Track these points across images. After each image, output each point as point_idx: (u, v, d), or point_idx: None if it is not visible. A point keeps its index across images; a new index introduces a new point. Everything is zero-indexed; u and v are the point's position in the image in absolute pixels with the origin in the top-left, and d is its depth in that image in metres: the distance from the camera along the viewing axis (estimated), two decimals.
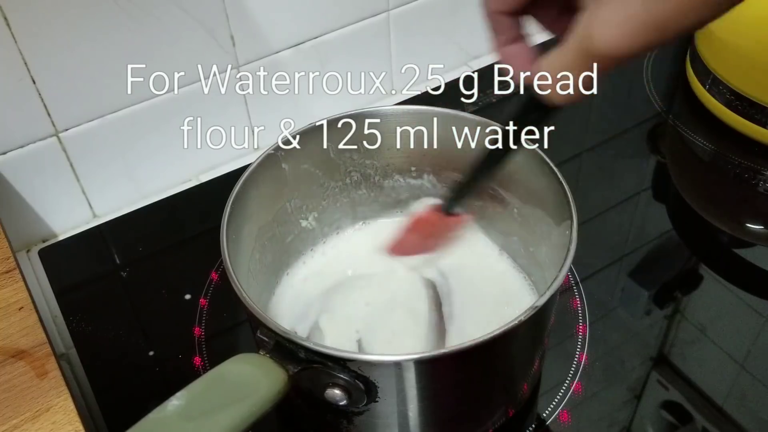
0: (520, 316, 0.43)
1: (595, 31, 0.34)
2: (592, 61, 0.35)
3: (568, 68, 0.36)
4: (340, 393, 0.44)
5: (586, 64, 0.35)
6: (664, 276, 0.67)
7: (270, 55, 0.76)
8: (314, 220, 0.62)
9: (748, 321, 0.62)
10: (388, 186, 0.63)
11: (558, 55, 0.37)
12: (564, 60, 0.36)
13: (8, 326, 0.53)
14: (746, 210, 0.74)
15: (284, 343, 0.43)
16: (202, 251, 0.70)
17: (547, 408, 0.56)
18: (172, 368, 0.61)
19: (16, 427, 0.47)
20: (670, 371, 0.59)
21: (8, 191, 0.69)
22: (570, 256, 0.46)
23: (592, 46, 0.34)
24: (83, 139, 0.70)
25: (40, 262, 0.71)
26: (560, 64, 0.37)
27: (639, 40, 0.33)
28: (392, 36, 0.83)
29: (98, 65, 0.67)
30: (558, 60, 0.37)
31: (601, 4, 0.33)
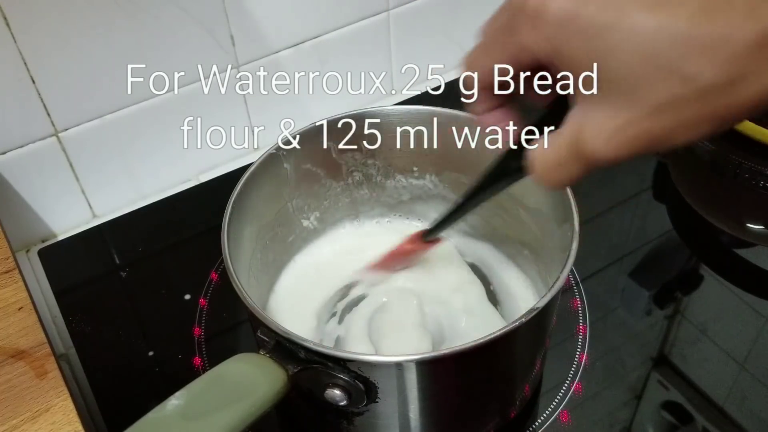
0: (521, 318, 0.43)
1: (587, 134, 0.33)
2: (583, 161, 0.34)
3: (559, 162, 0.35)
4: (340, 393, 0.44)
5: (578, 162, 0.34)
6: (665, 276, 0.67)
7: (270, 55, 0.76)
8: (316, 220, 0.62)
9: (748, 321, 0.62)
10: (390, 186, 0.63)
11: (550, 147, 0.36)
12: (556, 154, 0.35)
13: (8, 326, 0.53)
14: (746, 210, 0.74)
15: (284, 342, 0.43)
16: (202, 251, 0.70)
17: (547, 408, 0.56)
18: (172, 368, 0.61)
19: (15, 427, 0.47)
20: (670, 371, 0.59)
21: (8, 191, 0.69)
22: (571, 257, 0.46)
23: (583, 148, 0.33)
24: (83, 139, 0.70)
25: (39, 262, 0.71)
26: (552, 157, 0.36)
27: (631, 151, 0.32)
28: (392, 36, 0.82)
29: (98, 65, 0.67)
30: (550, 152, 0.36)
31: (595, 107, 0.32)
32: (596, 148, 0.33)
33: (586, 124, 0.33)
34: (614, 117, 0.31)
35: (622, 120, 0.31)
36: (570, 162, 0.35)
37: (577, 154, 0.34)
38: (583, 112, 0.33)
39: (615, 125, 0.32)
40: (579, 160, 0.34)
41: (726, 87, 0.28)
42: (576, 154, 0.34)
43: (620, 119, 0.31)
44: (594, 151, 0.33)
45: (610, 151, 0.32)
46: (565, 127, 0.35)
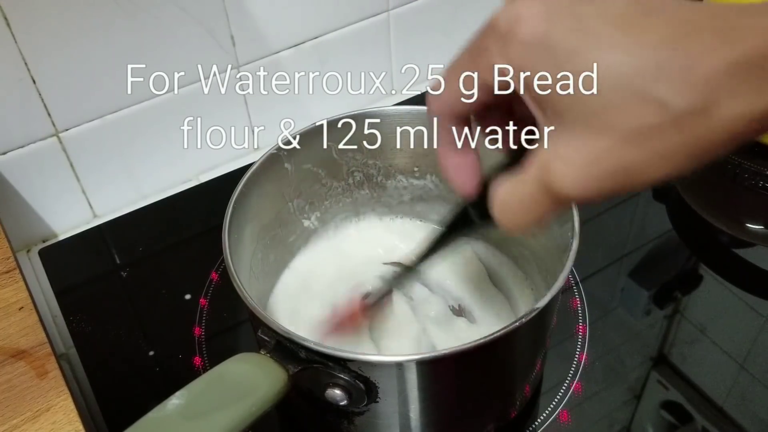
0: (521, 318, 0.43)
1: (556, 169, 0.30)
2: (551, 199, 0.32)
3: (524, 202, 0.33)
4: (341, 393, 0.44)
5: (545, 201, 0.32)
6: (664, 276, 0.67)
7: (270, 55, 0.76)
8: (317, 219, 0.62)
9: (748, 321, 0.62)
10: (391, 186, 0.63)
11: (515, 186, 0.34)
12: (521, 193, 0.33)
13: (8, 326, 0.53)
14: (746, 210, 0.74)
15: (285, 342, 0.43)
16: (202, 251, 0.70)
17: (547, 408, 0.56)
18: (172, 368, 0.61)
19: (16, 427, 0.47)
20: (670, 371, 0.59)
21: (8, 191, 0.69)
22: (571, 257, 0.46)
23: (552, 185, 0.31)
24: (83, 139, 0.70)
25: (40, 262, 0.71)
26: (517, 196, 0.33)
27: (603, 186, 0.30)
28: (392, 36, 0.83)
29: (98, 65, 0.67)
30: (514, 192, 0.34)
31: (564, 139, 0.30)
32: (565, 183, 0.30)
33: (553, 158, 0.31)
34: (584, 148, 0.29)
35: (593, 151, 0.29)
36: (536, 201, 0.32)
37: (543, 192, 0.32)
38: (552, 147, 0.31)
39: (585, 158, 0.29)
40: (545, 198, 0.32)
41: (699, 114, 0.27)
42: (542, 192, 0.32)
43: (590, 151, 0.29)
44: (562, 187, 0.30)
45: (581, 187, 0.30)
46: (530, 165, 0.32)
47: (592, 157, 0.29)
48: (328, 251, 0.63)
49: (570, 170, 0.30)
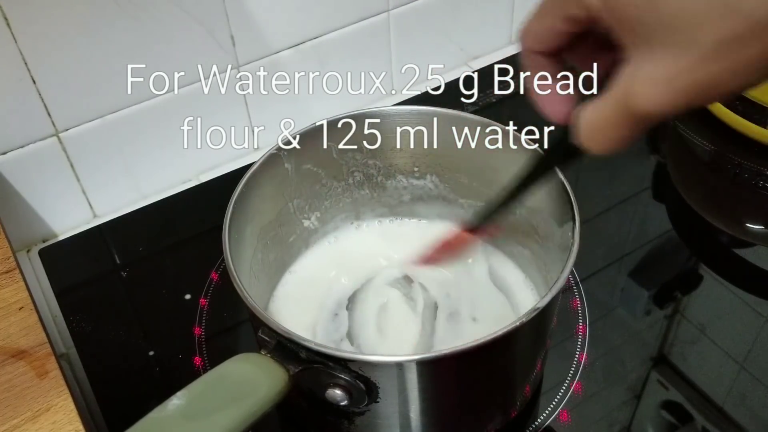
0: (521, 318, 0.43)
1: (638, 88, 0.32)
2: (632, 118, 0.33)
3: (607, 122, 0.34)
4: (341, 393, 0.44)
5: (626, 120, 0.33)
6: (664, 276, 0.67)
7: (270, 55, 0.76)
8: (317, 220, 0.62)
9: (748, 321, 0.62)
10: (391, 186, 0.63)
11: (598, 107, 0.35)
12: (603, 114, 0.34)
13: (8, 326, 0.53)
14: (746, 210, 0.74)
15: (285, 343, 0.43)
16: (202, 251, 0.70)
17: (547, 408, 0.56)
18: (172, 368, 0.61)
19: (16, 426, 0.47)
20: (670, 371, 0.59)
21: (8, 191, 0.69)
22: (572, 257, 0.46)
23: (633, 103, 0.32)
24: (83, 139, 0.70)
25: (40, 262, 0.71)
26: (600, 117, 0.35)
27: (683, 101, 0.31)
28: (392, 36, 0.83)
29: (98, 65, 0.67)
30: (597, 113, 0.35)
31: (646, 59, 0.31)
32: (647, 100, 0.31)
33: (637, 77, 0.32)
34: (668, 65, 0.30)
35: (678, 67, 0.30)
36: (619, 121, 0.33)
37: (625, 111, 0.33)
38: (634, 67, 0.32)
39: (669, 73, 0.30)
40: (628, 117, 0.33)
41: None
42: (624, 110, 0.33)
43: (675, 66, 0.30)
44: (645, 103, 0.32)
45: (662, 102, 0.31)
46: (613, 86, 0.33)
47: (675, 73, 0.30)
48: (328, 251, 0.63)
49: (651, 87, 0.31)
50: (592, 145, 0.36)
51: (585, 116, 0.36)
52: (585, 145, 0.37)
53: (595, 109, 0.35)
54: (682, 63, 0.30)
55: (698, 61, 0.29)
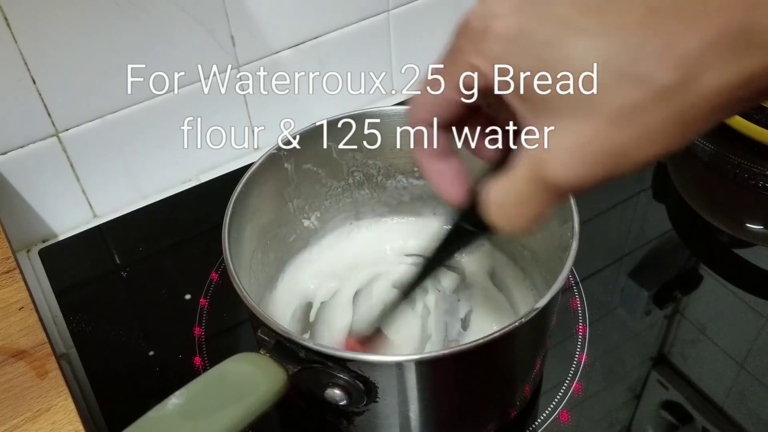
0: (521, 318, 0.43)
1: (548, 158, 0.30)
2: (546, 192, 0.31)
3: (520, 199, 0.32)
4: (340, 393, 0.44)
5: (540, 195, 0.31)
6: (664, 276, 0.67)
7: (270, 55, 0.76)
8: (317, 219, 0.62)
9: (748, 321, 0.62)
10: (391, 186, 0.63)
11: (507, 184, 0.33)
12: (515, 190, 0.32)
13: (8, 326, 0.53)
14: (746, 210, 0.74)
15: (284, 342, 0.43)
16: (202, 251, 0.70)
17: (547, 408, 0.56)
18: (173, 368, 0.61)
19: (16, 427, 0.47)
20: (670, 371, 0.59)
21: (8, 191, 0.69)
22: (571, 257, 0.46)
23: (545, 176, 0.30)
24: (83, 139, 0.70)
25: (40, 262, 0.71)
26: (511, 194, 0.33)
27: (598, 170, 0.29)
28: (392, 36, 0.83)
29: (98, 65, 0.67)
30: (507, 190, 0.33)
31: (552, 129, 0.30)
32: (558, 172, 0.30)
33: (542, 150, 0.30)
34: (572, 135, 0.29)
35: (582, 136, 0.29)
36: (533, 194, 0.32)
37: (538, 186, 0.31)
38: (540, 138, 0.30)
39: (574, 144, 0.29)
40: (542, 190, 0.31)
41: (683, 86, 0.27)
42: (537, 185, 0.31)
43: (579, 136, 0.29)
44: (556, 176, 0.30)
45: (574, 174, 0.30)
46: (519, 161, 0.31)
47: (582, 142, 0.29)
48: (328, 251, 0.63)
49: (561, 159, 0.30)
50: (505, 224, 0.34)
51: (494, 194, 0.34)
52: (497, 225, 0.34)
53: (504, 187, 0.33)
54: (589, 131, 0.29)
55: (603, 129, 0.28)
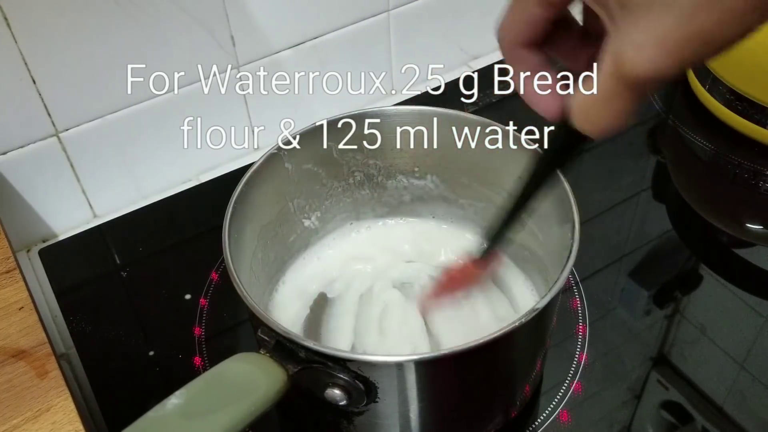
0: (521, 318, 0.43)
1: (629, 54, 0.30)
2: (629, 88, 0.31)
3: (604, 98, 0.33)
4: (340, 393, 0.44)
5: (623, 91, 0.32)
6: (664, 276, 0.67)
7: (270, 55, 0.76)
8: (317, 219, 0.62)
9: (748, 321, 0.62)
10: (392, 186, 0.63)
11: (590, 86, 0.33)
12: (599, 89, 0.33)
13: (8, 326, 0.53)
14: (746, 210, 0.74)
15: (285, 342, 0.43)
16: (202, 251, 0.70)
17: (547, 408, 0.56)
18: (173, 368, 0.61)
19: (16, 427, 0.47)
20: (670, 371, 0.59)
21: (8, 191, 0.69)
22: (572, 257, 0.46)
23: (627, 71, 0.31)
24: (83, 139, 0.70)
25: (40, 262, 0.71)
26: (595, 96, 0.33)
27: (679, 58, 0.29)
28: (392, 36, 0.83)
29: (98, 65, 0.67)
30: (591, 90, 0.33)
31: (629, 24, 0.30)
32: (642, 64, 0.30)
33: (624, 44, 0.30)
34: (655, 26, 0.29)
35: (665, 25, 0.29)
36: (618, 92, 0.32)
37: (622, 80, 0.31)
38: (619, 37, 0.31)
39: (657, 34, 0.29)
40: (627, 85, 0.31)
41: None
42: (621, 79, 0.31)
43: (662, 26, 0.29)
44: (640, 67, 0.30)
45: (657, 63, 0.29)
46: (602, 60, 0.32)
47: (664, 32, 0.29)
48: (328, 251, 0.63)
49: (644, 51, 0.30)
50: (591, 126, 0.35)
51: (578, 98, 0.35)
52: (584, 129, 0.35)
53: (588, 88, 0.34)
54: (669, 20, 0.28)
55: (687, 16, 0.28)
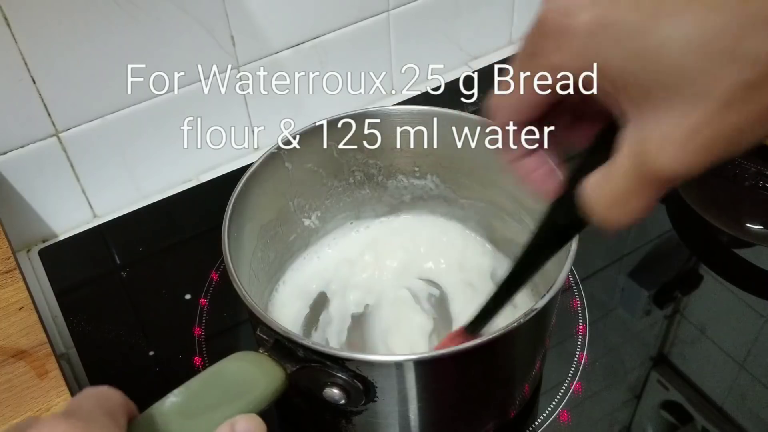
0: (519, 318, 0.43)
1: (655, 150, 0.28)
2: (653, 183, 0.29)
3: (626, 193, 0.30)
4: (339, 392, 0.44)
5: (647, 187, 0.30)
6: (664, 276, 0.67)
7: (270, 55, 0.76)
8: (317, 219, 0.62)
9: (748, 321, 0.62)
10: (392, 186, 0.63)
11: (609, 178, 0.31)
12: (618, 185, 0.31)
13: (8, 326, 0.53)
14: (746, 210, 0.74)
15: (283, 341, 0.43)
16: (202, 251, 0.70)
17: (547, 408, 0.56)
18: (173, 368, 0.61)
19: None
20: (670, 371, 0.59)
21: (8, 191, 0.69)
22: (570, 258, 0.46)
23: (651, 169, 0.29)
24: (83, 139, 0.70)
25: (40, 262, 0.71)
26: (616, 189, 0.31)
27: (708, 156, 0.28)
28: (392, 36, 0.83)
29: (98, 65, 0.67)
30: (612, 185, 0.31)
31: (654, 119, 0.28)
32: (667, 162, 0.28)
33: (647, 139, 0.28)
34: (681, 122, 0.27)
35: (692, 123, 0.27)
36: (638, 189, 0.30)
37: (644, 177, 0.29)
38: (640, 129, 0.29)
39: (684, 131, 0.27)
40: (649, 183, 0.29)
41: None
42: (643, 177, 0.29)
43: (689, 122, 0.27)
44: (665, 166, 0.28)
45: (685, 162, 0.28)
46: (620, 153, 0.30)
47: (692, 129, 0.27)
48: (328, 250, 0.63)
49: (670, 147, 0.28)
50: (610, 219, 0.32)
51: (596, 190, 0.32)
52: (601, 221, 0.32)
53: (609, 181, 0.31)
54: (699, 117, 0.27)
55: (714, 113, 0.27)
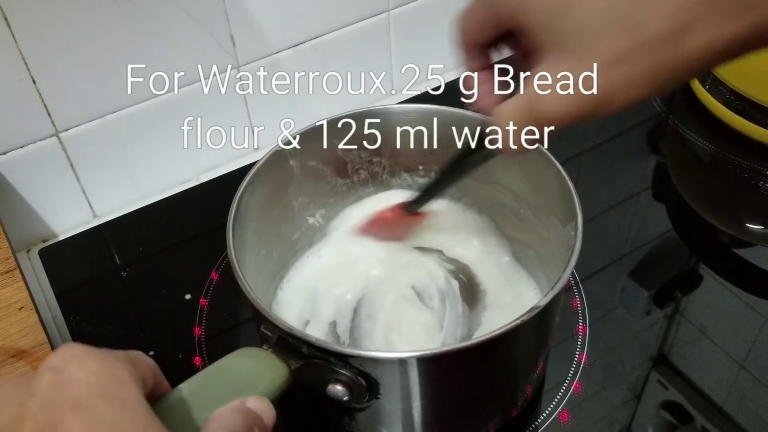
0: (522, 316, 0.43)
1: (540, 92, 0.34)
2: (536, 121, 0.36)
3: (514, 122, 0.37)
4: (342, 389, 0.44)
5: (531, 123, 0.36)
6: (664, 276, 0.67)
7: (270, 55, 0.76)
8: (321, 217, 0.62)
9: (748, 321, 0.62)
10: (396, 184, 0.63)
11: (508, 107, 0.37)
12: (512, 114, 0.37)
13: (8, 326, 0.53)
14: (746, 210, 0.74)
15: (287, 338, 0.44)
16: (202, 251, 0.70)
17: (547, 408, 0.56)
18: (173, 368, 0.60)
19: None
20: (670, 371, 0.59)
21: (8, 191, 0.69)
22: (574, 256, 0.46)
23: (537, 108, 0.35)
24: (83, 139, 0.70)
25: (40, 262, 0.71)
26: (508, 116, 0.37)
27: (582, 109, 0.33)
28: (392, 36, 0.83)
29: (98, 65, 0.67)
30: (507, 112, 0.37)
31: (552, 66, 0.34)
32: (547, 106, 0.34)
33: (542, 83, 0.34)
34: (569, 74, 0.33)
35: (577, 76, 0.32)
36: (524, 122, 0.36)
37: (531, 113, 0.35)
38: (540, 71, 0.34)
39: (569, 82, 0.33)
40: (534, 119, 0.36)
41: (671, 37, 0.30)
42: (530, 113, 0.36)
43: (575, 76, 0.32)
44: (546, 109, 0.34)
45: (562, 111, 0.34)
46: (525, 87, 0.36)
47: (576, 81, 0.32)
48: (332, 248, 0.63)
49: (553, 96, 0.34)
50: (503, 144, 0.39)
51: (497, 112, 0.38)
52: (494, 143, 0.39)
53: (507, 108, 0.37)
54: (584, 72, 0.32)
55: (599, 71, 0.32)
